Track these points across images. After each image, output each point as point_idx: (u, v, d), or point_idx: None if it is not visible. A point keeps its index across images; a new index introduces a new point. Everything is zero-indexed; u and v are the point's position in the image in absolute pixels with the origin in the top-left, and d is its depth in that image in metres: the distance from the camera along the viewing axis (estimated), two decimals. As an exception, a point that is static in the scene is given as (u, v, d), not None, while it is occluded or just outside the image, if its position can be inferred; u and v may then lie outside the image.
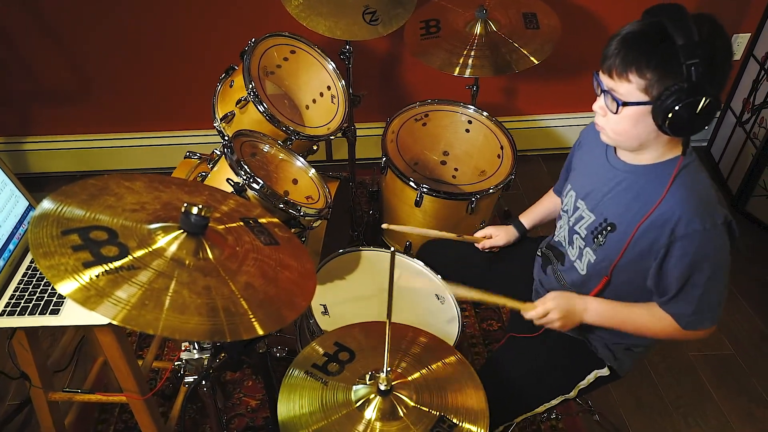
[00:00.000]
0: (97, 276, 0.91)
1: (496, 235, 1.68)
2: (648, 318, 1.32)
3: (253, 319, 0.99)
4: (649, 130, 1.18)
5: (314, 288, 1.14)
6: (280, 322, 1.03)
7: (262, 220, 1.24)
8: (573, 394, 1.47)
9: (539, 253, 1.58)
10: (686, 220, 1.18)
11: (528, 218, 1.70)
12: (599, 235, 1.33)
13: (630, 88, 1.14)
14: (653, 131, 1.18)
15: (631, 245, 1.26)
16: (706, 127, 1.15)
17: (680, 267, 1.22)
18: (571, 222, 1.41)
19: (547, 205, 1.69)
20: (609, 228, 1.30)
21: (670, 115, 1.11)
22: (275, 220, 1.28)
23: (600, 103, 1.22)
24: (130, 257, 0.97)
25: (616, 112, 1.18)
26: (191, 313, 0.94)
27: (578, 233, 1.39)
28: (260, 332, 0.98)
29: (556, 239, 1.51)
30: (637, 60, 1.12)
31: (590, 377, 1.46)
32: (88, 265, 0.92)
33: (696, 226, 1.18)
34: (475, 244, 1.70)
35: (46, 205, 1.01)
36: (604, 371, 1.46)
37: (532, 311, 1.37)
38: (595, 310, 1.36)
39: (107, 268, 0.93)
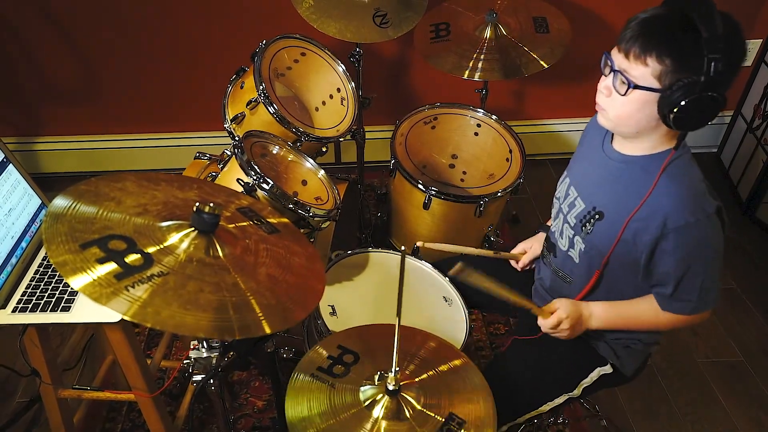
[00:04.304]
0: (133, 286, 0.91)
1: (530, 248, 1.63)
2: (652, 313, 1.33)
3: (291, 308, 1.01)
4: (650, 118, 1.18)
5: (323, 268, 1.15)
6: (308, 307, 1.07)
7: (255, 209, 1.24)
8: (577, 392, 1.47)
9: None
10: (677, 213, 1.19)
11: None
12: (587, 224, 1.32)
13: (645, 71, 1.13)
14: (654, 120, 1.17)
15: (622, 239, 1.26)
16: (709, 123, 1.14)
17: (675, 259, 1.22)
18: (564, 210, 1.41)
19: None
20: (597, 216, 1.30)
21: (676, 109, 1.11)
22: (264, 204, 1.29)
23: (607, 83, 1.20)
24: (158, 265, 0.96)
25: (624, 94, 1.17)
26: (217, 310, 0.95)
27: (568, 222, 1.39)
28: (300, 317, 1.03)
29: (551, 230, 1.50)
30: (659, 45, 1.11)
31: (593, 375, 1.46)
32: (120, 277, 0.92)
33: (688, 219, 1.18)
34: (513, 263, 1.66)
35: (58, 203, 1.00)
36: (607, 368, 1.46)
37: (547, 320, 1.37)
38: (599, 314, 1.37)
39: (141, 278, 0.93)
